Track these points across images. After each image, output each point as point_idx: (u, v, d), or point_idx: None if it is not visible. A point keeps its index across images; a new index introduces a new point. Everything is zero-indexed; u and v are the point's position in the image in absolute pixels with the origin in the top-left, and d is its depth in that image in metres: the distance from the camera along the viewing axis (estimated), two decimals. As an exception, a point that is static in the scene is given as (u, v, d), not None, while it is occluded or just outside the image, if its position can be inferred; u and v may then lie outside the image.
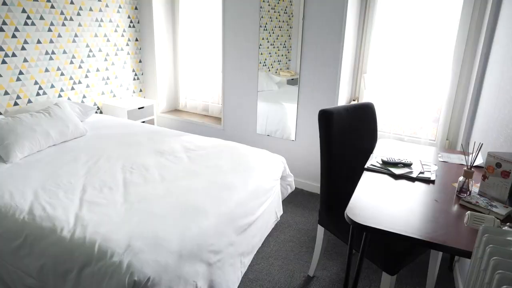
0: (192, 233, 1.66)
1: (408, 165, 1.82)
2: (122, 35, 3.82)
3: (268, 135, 3.54)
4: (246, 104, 3.58)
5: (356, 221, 1.32)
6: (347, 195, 2.00)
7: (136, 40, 4.01)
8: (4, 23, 2.77)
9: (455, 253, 1.21)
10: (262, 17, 3.26)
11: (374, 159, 1.90)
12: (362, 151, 2.10)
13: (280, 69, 3.43)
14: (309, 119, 3.25)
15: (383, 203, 1.47)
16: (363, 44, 3.12)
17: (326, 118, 1.91)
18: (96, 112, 3.67)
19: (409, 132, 3.08)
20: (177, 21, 4.12)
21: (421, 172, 1.76)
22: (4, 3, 2.75)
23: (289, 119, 3.39)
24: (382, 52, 3.04)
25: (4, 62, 2.83)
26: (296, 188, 3.39)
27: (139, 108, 3.74)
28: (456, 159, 2.00)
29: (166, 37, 4.11)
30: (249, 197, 2.14)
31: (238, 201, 2.03)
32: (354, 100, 3.25)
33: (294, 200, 3.21)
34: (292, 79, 3.41)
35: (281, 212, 2.72)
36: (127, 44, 3.91)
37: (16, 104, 2.97)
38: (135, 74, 4.09)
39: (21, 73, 2.96)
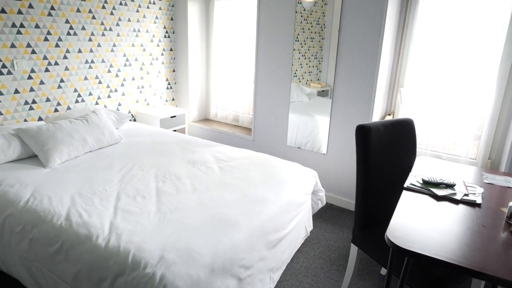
0: (224, 247, 1.64)
1: (451, 186, 1.73)
2: (158, 45, 3.92)
3: (298, 147, 3.49)
4: (277, 115, 3.56)
5: (399, 245, 1.25)
6: (384, 215, 1.93)
7: (171, 50, 4.09)
8: (48, 33, 2.90)
9: (505, 284, 1.13)
10: (294, 28, 3.25)
11: (413, 178, 1.82)
12: (400, 169, 2.02)
13: (311, 80, 3.39)
14: (342, 132, 3.18)
15: (426, 226, 1.39)
16: (401, 57, 3.03)
17: (364, 134, 1.85)
18: (130, 120, 3.75)
19: (448, 149, 2.95)
20: (210, 31, 4.18)
21: (465, 194, 1.66)
22: (49, 14, 2.88)
23: (320, 131, 3.34)
24: (420, 65, 2.95)
25: (47, 70, 2.95)
26: (326, 202, 3.31)
27: (171, 117, 3.79)
28: (503, 181, 1.88)
29: (199, 47, 4.17)
30: (281, 211, 2.10)
31: (270, 215, 2.00)
32: (389, 115, 3.16)
33: (324, 215, 3.14)
34: (323, 90, 3.36)
35: (311, 227, 2.65)
36: (162, 54, 3.99)
37: (56, 110, 3.09)
38: (169, 83, 4.17)
39: (62, 81, 3.08)
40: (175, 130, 3.88)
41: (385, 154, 1.95)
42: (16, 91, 2.78)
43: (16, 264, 1.89)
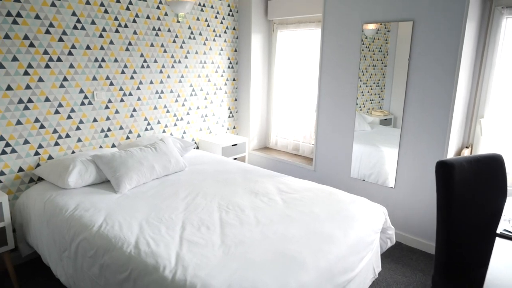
0: (291, 288, 1.55)
1: (557, 235, 1.49)
2: (222, 75, 4.04)
3: (363, 180, 3.32)
4: (340, 145, 3.44)
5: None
6: (471, 264, 1.71)
7: (234, 80, 4.20)
8: (125, 66, 3.12)
9: None
10: (360, 57, 3.17)
11: (508, 223, 1.60)
12: (488, 211, 1.80)
13: (373, 108, 3.26)
14: (412, 165, 2.97)
15: (533, 285, 1.19)
16: (480, 85, 2.80)
17: (446, 171, 1.69)
18: (194, 148, 3.86)
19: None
20: (272, 61, 4.24)
21: None
22: (127, 49, 3.11)
23: (386, 163, 3.15)
24: (504, 94, 2.68)
25: (122, 100, 3.16)
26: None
27: (232, 145, 3.84)
28: None
29: (261, 76, 4.23)
30: (350, 250, 1.96)
31: (338, 254, 1.87)
32: (467, 148, 2.89)
33: (393, 255, 2.90)
34: (386, 119, 3.21)
35: (380, 269, 2.45)
36: (225, 84, 4.11)
37: (127, 138, 3.27)
38: (230, 112, 4.26)
39: (134, 110, 3.27)
40: (235, 158, 3.91)
41: (470, 193, 1.75)
42: (95, 120, 3.00)
43: (86, 287, 1.95)
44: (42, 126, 2.69)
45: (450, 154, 2.79)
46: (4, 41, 2.42)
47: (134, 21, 3.12)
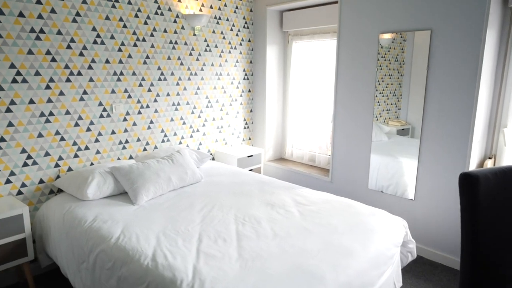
0: (310, 304, 1.51)
1: None
2: (237, 87, 4.07)
3: (381, 191, 3.25)
4: (357, 156, 3.39)
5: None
6: (500, 279, 1.64)
7: (249, 91, 4.22)
8: (143, 79, 3.18)
9: None
10: (377, 67, 3.14)
11: (537, 238, 1.53)
12: (515, 225, 1.72)
13: (389, 118, 3.21)
14: (433, 176, 2.89)
15: None
16: (502, 94, 2.72)
17: (470, 184, 1.63)
18: (210, 159, 3.87)
19: None
20: (288, 72, 4.25)
21: None
22: (145, 62, 3.16)
23: (404, 174, 3.08)
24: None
25: (139, 112, 3.20)
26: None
27: (248, 156, 3.83)
28: None
29: (276, 87, 4.24)
30: (369, 265, 1.91)
31: (358, 269, 1.82)
32: (490, 158, 2.81)
33: (414, 269, 2.81)
34: (403, 129, 3.15)
35: (401, 284, 2.37)
36: (241, 95, 4.13)
37: (145, 149, 3.30)
38: (246, 123, 4.26)
39: (151, 122, 3.31)
40: (251, 169, 3.90)
41: (496, 208, 1.69)
42: (113, 132, 3.05)
43: (104, 300, 1.95)
44: (62, 139, 2.75)
45: (473, 165, 2.71)
46: (27, 56, 2.50)
47: (152, 35, 3.18)
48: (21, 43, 2.46)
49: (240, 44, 4.01)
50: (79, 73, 2.77)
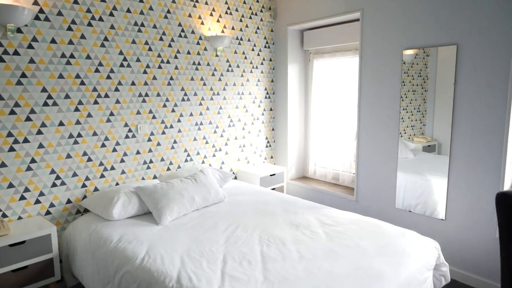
0: (341, 332, 1.44)
1: None
2: (259, 106, 4.08)
3: (409, 211, 3.14)
4: (382, 174, 3.30)
5: None
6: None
7: (271, 109, 4.23)
8: (167, 100, 3.24)
9: None
10: (401, 83, 3.09)
11: None
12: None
13: (414, 134, 3.13)
14: (465, 195, 2.77)
15: None
16: (536, 110, 2.61)
17: (508, 203, 1.55)
18: (232, 178, 3.86)
19: None
20: (309, 90, 4.24)
21: None
22: (169, 84, 3.23)
23: (434, 192, 2.97)
24: None
25: (163, 133, 3.25)
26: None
27: (270, 175, 3.80)
28: None
29: (298, 105, 4.23)
30: (401, 290, 1.82)
31: (389, 294, 1.74)
32: (526, 176, 2.67)
33: (447, 293, 2.66)
34: (429, 145, 3.06)
35: (435, 310, 2.25)
36: (263, 114, 4.14)
37: (168, 169, 3.33)
38: (268, 142, 4.25)
39: (175, 142, 3.35)
40: (274, 188, 3.86)
41: (538, 229, 1.59)
42: (138, 152, 3.10)
43: (129, 322, 1.93)
44: (89, 159, 2.81)
45: (507, 184, 2.59)
46: (58, 80, 2.60)
47: (176, 57, 3.26)
48: (53, 68, 2.57)
49: (262, 64, 4.05)
50: (106, 95, 2.85)
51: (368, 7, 3.24)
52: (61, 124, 2.64)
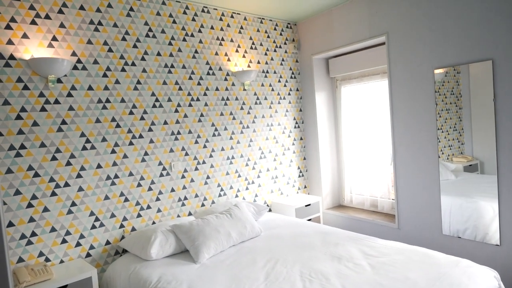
0: None
1: None
2: (289, 136, 4.06)
3: (458, 237, 2.93)
4: (424, 198, 3.13)
5: None
6: None
7: (301, 139, 4.19)
8: (198, 136, 3.28)
9: None
10: (436, 102, 2.99)
11: None
12: None
13: (453, 154, 2.98)
14: (519, 218, 2.56)
15: None
16: None
17: None
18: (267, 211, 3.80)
19: None
20: (338, 116, 4.19)
21: None
22: (199, 120, 3.29)
23: (483, 216, 2.77)
24: None
25: (196, 169, 3.27)
26: (511, 310, 2.57)
27: (305, 206, 3.71)
28: None
29: (328, 132, 4.17)
30: (463, 327, 1.66)
31: (450, 333, 1.58)
32: None
33: (513, 329, 2.41)
34: (470, 165, 2.89)
35: None
36: (293, 144, 4.11)
37: (203, 205, 3.33)
38: (300, 171, 4.19)
39: (208, 177, 3.36)
40: (310, 219, 3.75)
41: None
42: (172, 190, 3.12)
43: None
44: (126, 199, 2.86)
45: None
46: (95, 124, 2.71)
47: (205, 94, 3.34)
48: (90, 113, 2.68)
49: (289, 94, 4.07)
50: (141, 136, 2.94)
51: (393, 31, 3.22)
52: (99, 166, 2.72)
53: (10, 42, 2.35)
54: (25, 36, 2.41)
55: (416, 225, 3.22)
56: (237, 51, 3.60)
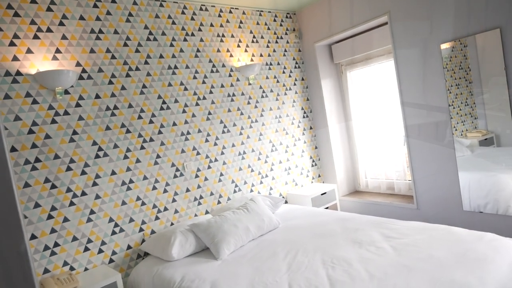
0: None
1: None
2: (298, 126, 4.04)
3: (480, 212, 2.88)
4: (441, 176, 3.09)
5: None
6: None
7: (311, 128, 4.17)
8: (208, 134, 3.29)
9: None
10: (445, 78, 2.93)
11: None
12: None
13: (466, 130, 2.92)
14: (541, 187, 2.50)
15: None
16: None
17: None
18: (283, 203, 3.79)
19: None
20: (347, 101, 4.15)
21: None
22: (208, 119, 3.29)
23: (504, 188, 2.72)
24: None
25: (209, 167, 3.28)
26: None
27: (321, 194, 3.69)
28: None
29: (337, 119, 4.14)
30: (493, 301, 1.63)
31: (480, 308, 1.56)
32: None
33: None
34: (485, 139, 2.84)
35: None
36: (303, 134, 4.08)
37: (219, 202, 3.34)
38: (313, 161, 4.16)
39: (221, 174, 3.37)
40: (327, 207, 3.73)
41: None
42: (187, 190, 3.14)
43: None
44: (143, 203, 2.89)
45: None
46: (106, 132, 2.73)
47: (211, 92, 3.34)
48: (100, 121, 2.71)
49: (294, 84, 4.04)
50: (151, 139, 2.95)
51: (395, 9, 3.16)
52: (113, 173, 2.75)
53: (15, 58, 2.38)
54: (29, 51, 2.44)
55: (436, 203, 3.17)
56: (238, 46, 3.59)
